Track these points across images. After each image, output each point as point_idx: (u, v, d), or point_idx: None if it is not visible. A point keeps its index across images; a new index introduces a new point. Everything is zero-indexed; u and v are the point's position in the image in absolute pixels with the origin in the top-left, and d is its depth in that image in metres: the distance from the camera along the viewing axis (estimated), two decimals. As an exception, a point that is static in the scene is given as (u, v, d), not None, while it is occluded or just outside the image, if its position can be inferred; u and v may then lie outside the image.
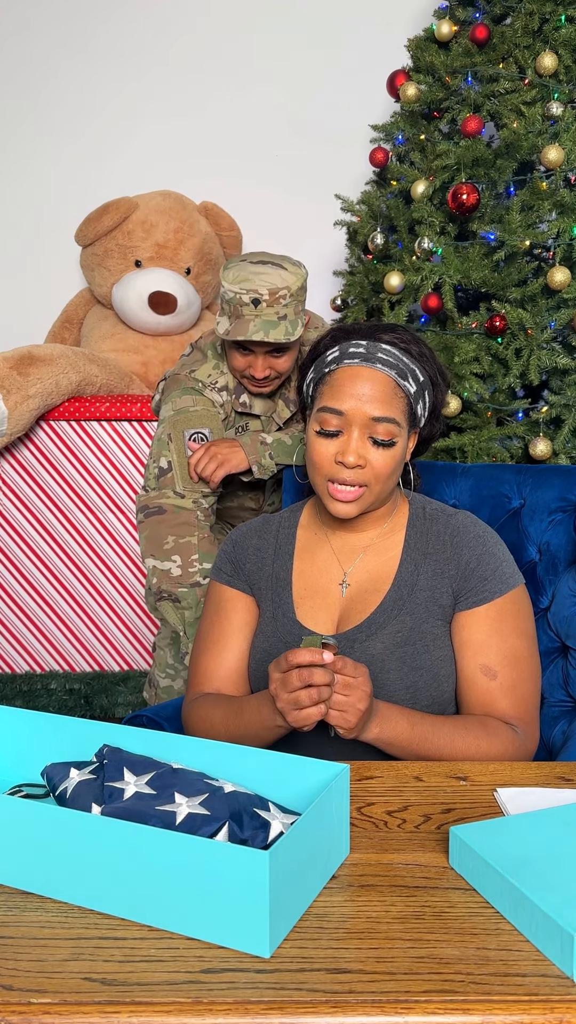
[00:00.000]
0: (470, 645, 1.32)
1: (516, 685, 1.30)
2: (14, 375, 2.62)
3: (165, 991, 0.77)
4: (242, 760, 1.03)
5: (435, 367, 1.39)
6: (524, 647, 1.32)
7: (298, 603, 1.39)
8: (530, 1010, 0.75)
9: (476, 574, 1.33)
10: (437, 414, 1.42)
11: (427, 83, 2.43)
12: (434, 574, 1.35)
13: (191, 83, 3.41)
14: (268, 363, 1.93)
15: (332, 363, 1.34)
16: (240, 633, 1.42)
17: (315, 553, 1.42)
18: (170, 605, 1.92)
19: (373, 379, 1.31)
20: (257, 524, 1.49)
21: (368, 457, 1.30)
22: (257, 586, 1.43)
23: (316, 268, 2.41)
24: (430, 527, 1.39)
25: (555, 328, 2.19)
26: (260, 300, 1.84)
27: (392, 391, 1.31)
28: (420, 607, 1.33)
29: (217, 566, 1.48)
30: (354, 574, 1.39)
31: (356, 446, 1.30)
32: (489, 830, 0.94)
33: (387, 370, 1.31)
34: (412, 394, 1.34)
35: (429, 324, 2.34)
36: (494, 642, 1.31)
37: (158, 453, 1.99)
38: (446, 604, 1.34)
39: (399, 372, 1.32)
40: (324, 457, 1.32)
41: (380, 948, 0.82)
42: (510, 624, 1.32)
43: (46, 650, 3.04)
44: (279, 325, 1.86)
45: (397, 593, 1.35)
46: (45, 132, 3.44)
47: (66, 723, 1.10)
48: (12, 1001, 0.76)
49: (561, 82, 2.25)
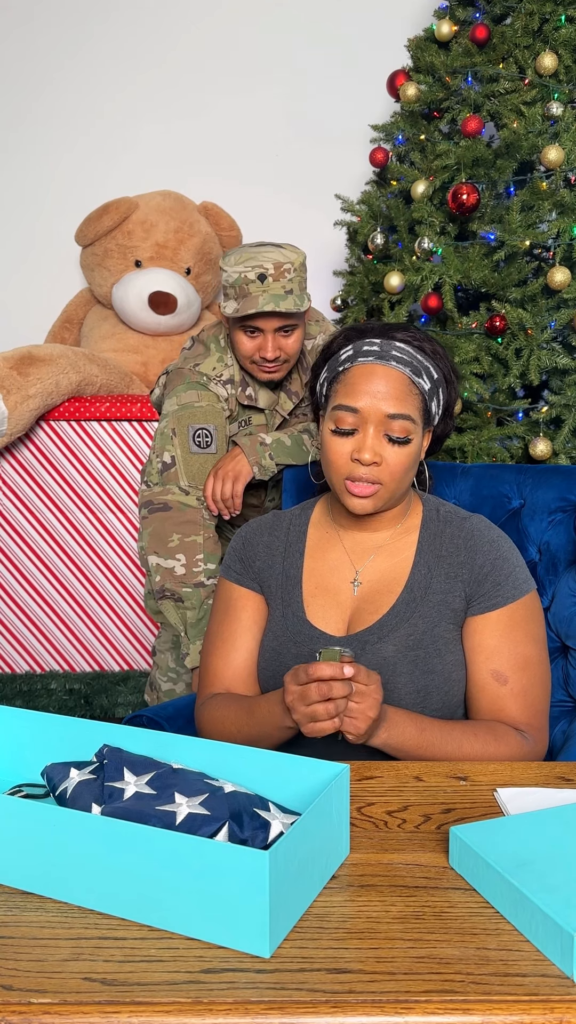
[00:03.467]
0: (482, 650, 1.31)
1: (527, 691, 1.30)
2: (14, 375, 2.62)
3: (165, 991, 0.77)
4: (242, 760, 1.03)
5: (448, 365, 1.39)
6: (535, 653, 1.32)
7: (308, 602, 1.38)
8: (530, 1010, 0.75)
9: (489, 579, 1.33)
10: (450, 412, 1.42)
11: (427, 83, 2.42)
12: (447, 577, 1.34)
13: (191, 83, 3.41)
14: (277, 343, 1.93)
15: (346, 361, 1.34)
16: (249, 632, 1.41)
17: (327, 552, 1.42)
18: (171, 604, 1.91)
19: (388, 376, 1.30)
20: (267, 521, 1.48)
21: (384, 455, 1.30)
22: (267, 584, 1.43)
23: (316, 268, 2.41)
24: (444, 529, 1.39)
25: (555, 328, 2.19)
26: (266, 275, 1.85)
27: (407, 388, 1.31)
28: (432, 610, 1.33)
29: (227, 563, 1.47)
30: (366, 574, 1.38)
31: (372, 443, 1.29)
32: (489, 830, 0.94)
33: (402, 367, 1.31)
34: (427, 391, 1.34)
35: (429, 324, 2.34)
36: (505, 647, 1.31)
37: (161, 448, 1.99)
38: (458, 608, 1.33)
39: (413, 369, 1.32)
40: (340, 455, 1.31)
41: (380, 948, 0.82)
42: (522, 629, 1.32)
43: (46, 650, 3.04)
44: (287, 298, 1.87)
45: (410, 595, 1.34)
46: (45, 132, 3.44)
47: (66, 723, 1.10)
48: (12, 1001, 0.76)
49: (561, 82, 2.25)
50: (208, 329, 2.12)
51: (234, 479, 1.94)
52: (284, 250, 1.92)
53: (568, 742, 1.51)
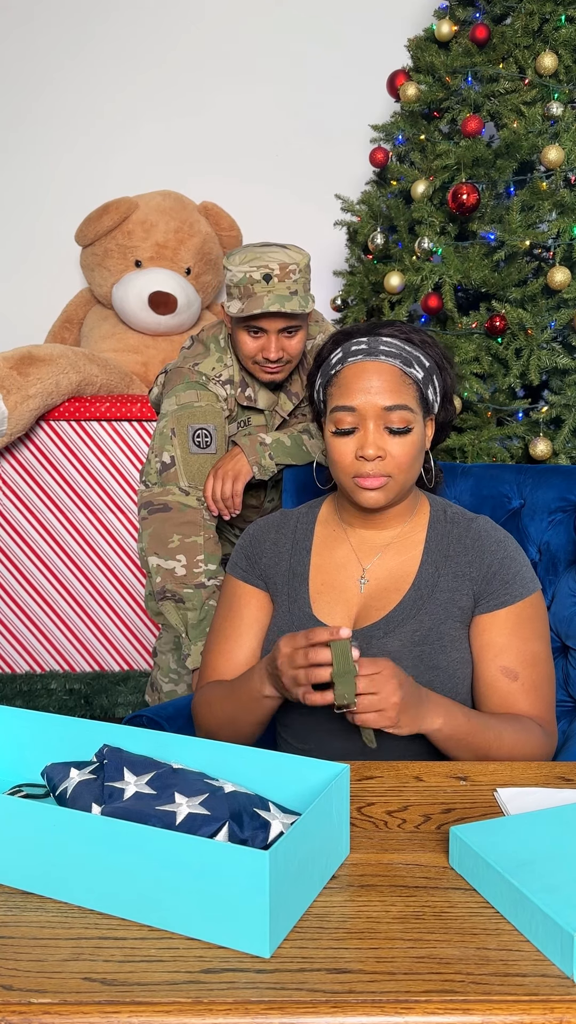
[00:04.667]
0: (491, 648, 1.32)
1: (537, 687, 1.31)
2: (14, 375, 2.62)
3: (165, 991, 0.77)
4: (242, 760, 1.03)
5: (439, 352, 1.40)
6: (542, 650, 1.33)
7: (315, 598, 1.39)
8: (530, 1010, 0.75)
9: (498, 577, 1.34)
10: (450, 397, 1.43)
11: (427, 83, 2.42)
12: (455, 576, 1.35)
13: (191, 83, 3.41)
14: (280, 344, 1.93)
15: (337, 364, 1.36)
16: (250, 630, 1.43)
17: (334, 549, 1.43)
18: (172, 605, 1.91)
19: (379, 371, 1.32)
20: (275, 519, 1.50)
21: (387, 447, 1.31)
22: (272, 581, 1.44)
23: (316, 268, 2.40)
24: (451, 530, 1.40)
25: (555, 328, 2.19)
26: (271, 275, 1.85)
27: (399, 379, 1.32)
28: (439, 608, 1.34)
29: (233, 560, 1.49)
30: (373, 571, 1.39)
31: (373, 438, 1.30)
32: (489, 830, 0.94)
33: (391, 360, 1.33)
34: (420, 380, 1.34)
35: (429, 324, 2.34)
36: (514, 644, 1.32)
37: (160, 448, 1.98)
38: (465, 607, 1.34)
39: (404, 360, 1.33)
40: (344, 455, 1.33)
41: (380, 948, 0.82)
42: (528, 627, 1.33)
43: (46, 650, 3.04)
44: (292, 299, 1.86)
45: (417, 593, 1.35)
46: (45, 132, 3.44)
47: (66, 723, 1.10)
48: (12, 1001, 0.76)
49: (561, 82, 2.25)
50: (208, 329, 2.11)
51: (234, 478, 1.94)
52: (289, 251, 1.91)
53: (568, 742, 1.51)
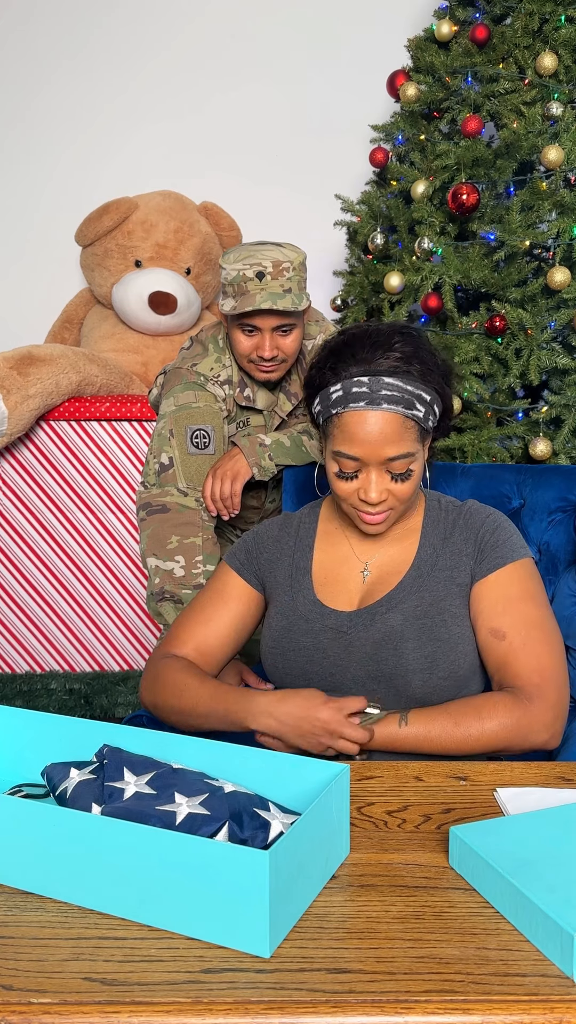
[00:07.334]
0: (482, 612, 1.36)
1: (527, 646, 1.31)
2: (14, 375, 2.62)
3: (165, 991, 0.77)
4: (242, 760, 1.03)
5: (440, 372, 1.37)
6: (536, 612, 1.35)
7: (319, 588, 1.43)
8: (530, 1010, 0.75)
9: (488, 543, 1.38)
10: (449, 412, 1.44)
11: (427, 83, 2.42)
12: (453, 554, 1.40)
13: (191, 83, 3.41)
14: (275, 342, 1.92)
15: (337, 404, 1.32)
16: (229, 618, 1.47)
17: (335, 545, 1.47)
18: (171, 606, 1.90)
19: (381, 420, 1.30)
20: (279, 520, 1.55)
21: (389, 488, 1.34)
22: (272, 577, 1.47)
23: (316, 268, 2.40)
24: (446, 516, 1.45)
25: (555, 328, 2.19)
26: (265, 273, 1.85)
27: (401, 426, 1.31)
28: (440, 584, 1.37)
29: (232, 551, 1.52)
30: (374, 563, 1.43)
31: (376, 484, 1.33)
32: (489, 830, 0.94)
33: (393, 407, 1.30)
34: (421, 418, 1.33)
35: (429, 324, 2.34)
36: (501, 606, 1.34)
37: (159, 448, 1.98)
38: (464, 583, 1.38)
39: (406, 404, 1.30)
40: (348, 493, 1.36)
41: (380, 948, 0.82)
42: (517, 588, 1.35)
43: (46, 650, 3.03)
44: (285, 296, 1.86)
45: (417, 572, 1.39)
46: (45, 132, 3.44)
47: (66, 723, 1.10)
48: (12, 1001, 0.76)
49: (561, 82, 2.25)
50: (207, 329, 2.11)
51: (233, 478, 1.93)
52: (284, 249, 1.92)
53: (568, 742, 1.51)
